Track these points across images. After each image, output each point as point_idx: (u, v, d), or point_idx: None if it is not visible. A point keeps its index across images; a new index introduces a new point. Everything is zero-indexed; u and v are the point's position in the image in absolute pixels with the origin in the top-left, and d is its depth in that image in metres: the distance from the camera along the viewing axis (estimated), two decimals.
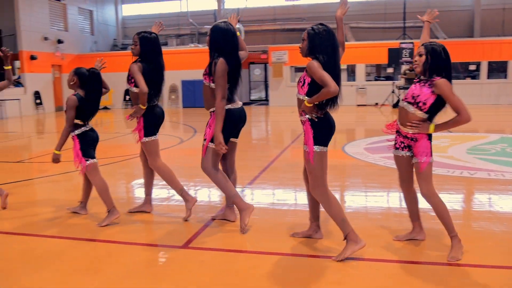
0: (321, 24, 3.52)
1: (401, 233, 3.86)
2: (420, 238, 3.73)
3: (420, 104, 3.32)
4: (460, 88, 19.96)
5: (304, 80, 3.46)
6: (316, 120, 3.44)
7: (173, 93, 21.81)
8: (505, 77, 19.84)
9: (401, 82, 19.03)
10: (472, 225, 4.28)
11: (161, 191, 5.47)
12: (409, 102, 3.39)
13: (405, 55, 18.41)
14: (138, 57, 4.33)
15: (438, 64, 3.30)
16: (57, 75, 21.28)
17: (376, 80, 21.42)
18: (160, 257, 3.60)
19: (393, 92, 18.52)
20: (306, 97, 3.40)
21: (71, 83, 4.28)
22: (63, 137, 4.21)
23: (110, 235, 4.00)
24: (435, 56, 3.31)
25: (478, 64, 19.98)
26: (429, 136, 3.42)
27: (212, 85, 3.92)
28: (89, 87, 4.28)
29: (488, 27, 22.72)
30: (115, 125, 15.30)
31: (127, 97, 21.17)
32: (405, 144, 3.54)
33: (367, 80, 21.06)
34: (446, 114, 3.38)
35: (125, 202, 5.21)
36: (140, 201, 4.91)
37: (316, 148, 3.42)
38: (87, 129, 4.31)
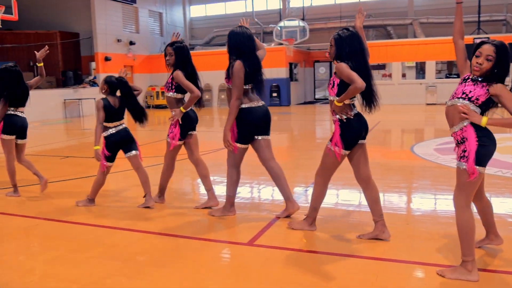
0: (346, 29, 3.69)
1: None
2: (497, 243, 3.51)
3: (473, 99, 2.99)
4: None
5: (334, 81, 3.63)
6: (345, 121, 3.57)
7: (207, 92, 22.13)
8: None
9: None
10: None
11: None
12: (459, 98, 3.06)
13: None
14: (174, 67, 4.65)
15: (504, 71, 2.98)
16: (129, 75, 22.26)
17: (447, 77, 20.51)
18: (225, 254, 3.66)
19: None
20: (336, 98, 3.55)
21: (103, 91, 4.80)
22: (96, 134, 4.70)
23: (176, 229, 4.12)
24: (504, 62, 2.97)
25: None
26: (478, 136, 2.94)
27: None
28: (121, 92, 4.78)
29: None
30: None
31: None
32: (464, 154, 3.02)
33: (437, 78, 20.23)
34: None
35: (190, 198, 5.35)
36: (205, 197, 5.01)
37: (336, 148, 3.61)
38: (113, 131, 4.75)
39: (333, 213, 4.59)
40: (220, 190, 5.25)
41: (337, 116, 3.60)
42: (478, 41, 3.26)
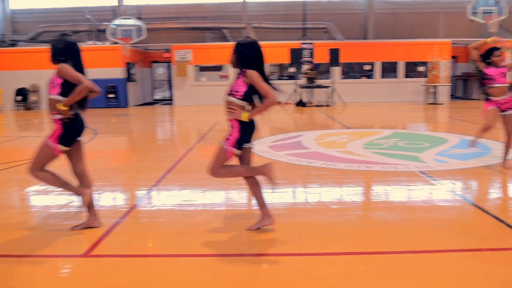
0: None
1: (309, 227, 4.00)
2: (268, 223, 3.92)
3: (236, 94, 3.65)
4: (357, 87, 21.28)
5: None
6: None
7: None
8: (396, 76, 21.43)
9: (303, 81, 19.76)
10: (370, 215, 4.55)
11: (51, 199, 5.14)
12: (229, 94, 3.70)
13: (306, 55, 19.14)
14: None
15: (248, 58, 3.65)
16: None
17: (279, 79, 22.01)
18: (60, 269, 3.37)
19: (295, 91, 19.16)
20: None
21: None
22: None
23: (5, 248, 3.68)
24: (242, 52, 3.66)
25: (372, 65, 21.34)
26: (242, 127, 3.65)
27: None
28: None
29: (381, 30, 24.39)
30: (6, 127, 14.12)
31: (18, 98, 19.67)
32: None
33: (270, 79, 21.53)
34: None
35: (19, 212, 4.84)
36: (35, 209, 4.57)
37: None
38: None
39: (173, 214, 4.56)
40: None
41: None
42: (304, 46, 3.73)
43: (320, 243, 3.71)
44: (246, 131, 3.70)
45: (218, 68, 22.07)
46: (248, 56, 3.66)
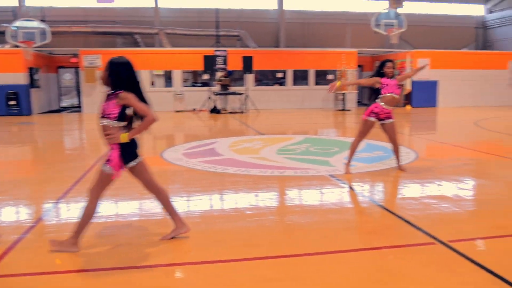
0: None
1: (225, 234, 4.00)
2: (185, 231, 3.94)
3: (110, 116, 3.53)
4: (270, 94, 21.76)
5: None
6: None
7: None
8: (307, 84, 22.22)
9: (216, 88, 19.82)
10: (284, 219, 4.66)
11: None
12: (103, 117, 3.57)
13: (220, 62, 19.24)
14: None
15: (122, 80, 3.54)
16: None
17: (193, 86, 21.91)
18: None
19: (209, 98, 19.16)
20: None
21: None
22: None
23: None
24: (116, 72, 3.54)
25: (284, 72, 21.94)
26: (122, 147, 3.57)
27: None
28: None
29: (292, 39, 25.20)
30: None
31: None
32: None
33: (184, 86, 21.39)
34: None
35: None
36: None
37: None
38: None
39: None
40: None
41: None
42: (217, 53, 3.73)
43: (236, 249, 3.72)
44: (129, 149, 3.63)
45: None
46: (121, 77, 3.55)
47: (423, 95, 22.12)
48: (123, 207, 5.10)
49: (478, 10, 28.63)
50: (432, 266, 3.31)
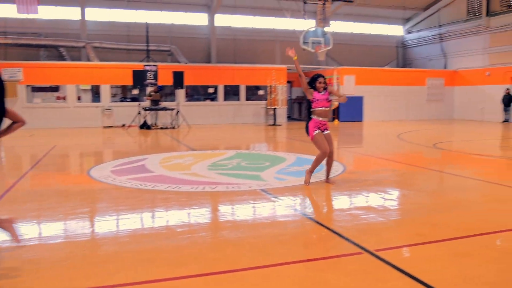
0: None
1: (154, 252, 3.88)
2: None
3: None
4: (202, 109, 21.70)
5: None
6: None
7: None
8: (238, 99, 22.39)
9: (146, 103, 19.46)
10: (216, 235, 4.61)
11: None
12: None
13: (150, 77, 18.93)
14: None
15: None
16: None
17: (122, 101, 21.36)
18: None
19: (139, 113, 18.76)
20: None
21: None
22: None
23: None
24: None
25: (216, 88, 22.00)
26: None
27: None
28: None
29: (223, 55, 25.37)
30: None
31: None
32: None
33: (113, 101, 20.80)
34: None
35: None
36: None
37: None
38: None
39: None
40: None
41: None
42: (147, 68, 3.64)
43: (166, 268, 3.62)
44: None
45: (54, 89, 20.56)
46: None
47: (350, 110, 23.05)
48: (46, 229, 4.82)
49: (398, 31, 30.45)
50: (359, 275, 3.41)
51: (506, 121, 22.46)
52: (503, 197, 6.24)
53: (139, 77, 18.74)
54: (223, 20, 25.74)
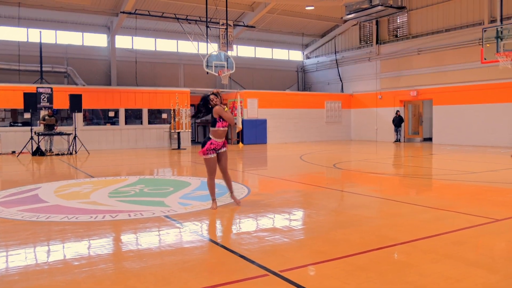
0: None
1: None
2: None
3: None
4: (102, 134, 20.82)
5: None
6: None
7: None
8: (141, 123, 21.83)
9: (40, 128, 18.25)
10: (116, 266, 4.36)
11: None
12: None
13: (44, 100, 17.81)
14: None
15: None
16: None
17: (11, 126, 19.82)
18: None
19: (32, 139, 17.51)
20: None
21: None
22: None
23: None
24: None
25: (116, 111, 21.27)
26: None
27: None
28: None
29: (124, 77, 24.68)
30: None
31: None
32: None
33: (1, 126, 19.23)
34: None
35: None
36: None
37: None
38: None
39: None
40: None
41: None
42: (41, 90, 3.36)
43: None
44: None
45: None
46: None
47: (254, 133, 23.51)
48: None
49: (298, 56, 31.89)
50: None
51: (397, 140, 24.33)
52: (397, 212, 6.67)
53: (31, 100, 17.50)
54: (124, 41, 25.13)
